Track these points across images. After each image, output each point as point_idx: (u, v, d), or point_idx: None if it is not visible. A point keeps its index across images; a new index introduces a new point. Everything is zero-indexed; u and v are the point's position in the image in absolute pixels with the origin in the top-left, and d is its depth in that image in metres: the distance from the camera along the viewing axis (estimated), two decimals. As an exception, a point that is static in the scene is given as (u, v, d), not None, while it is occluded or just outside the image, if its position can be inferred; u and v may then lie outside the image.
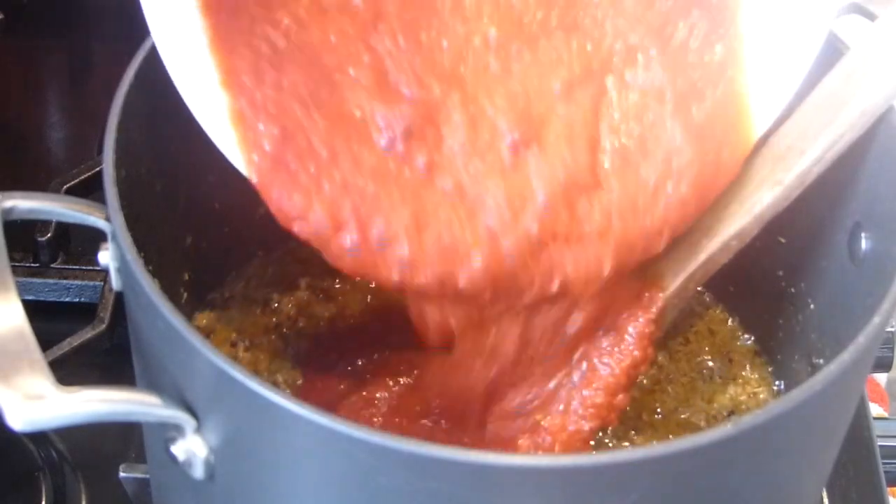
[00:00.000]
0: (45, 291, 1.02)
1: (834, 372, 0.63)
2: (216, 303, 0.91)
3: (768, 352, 0.90)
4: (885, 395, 1.37)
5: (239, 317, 0.91)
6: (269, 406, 0.59)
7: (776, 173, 0.75)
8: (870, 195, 0.76)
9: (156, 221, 0.78)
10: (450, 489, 0.60)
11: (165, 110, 0.78)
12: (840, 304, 0.79)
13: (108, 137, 0.71)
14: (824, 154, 0.74)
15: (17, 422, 0.59)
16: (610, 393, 0.75)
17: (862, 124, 0.74)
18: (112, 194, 0.68)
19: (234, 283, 0.92)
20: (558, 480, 0.60)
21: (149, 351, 0.68)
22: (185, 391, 0.64)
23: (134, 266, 0.65)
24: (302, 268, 0.94)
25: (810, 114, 0.75)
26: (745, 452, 0.63)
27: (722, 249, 0.76)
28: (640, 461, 0.59)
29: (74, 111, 1.24)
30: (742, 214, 0.75)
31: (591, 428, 0.75)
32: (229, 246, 0.93)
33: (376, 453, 0.59)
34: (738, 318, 0.92)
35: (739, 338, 0.91)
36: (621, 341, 0.76)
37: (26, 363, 0.61)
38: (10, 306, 0.63)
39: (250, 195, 0.93)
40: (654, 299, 0.76)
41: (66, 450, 0.94)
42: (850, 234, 0.77)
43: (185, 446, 0.65)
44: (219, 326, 0.90)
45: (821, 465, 0.75)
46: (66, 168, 1.05)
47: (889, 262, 0.70)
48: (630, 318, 0.76)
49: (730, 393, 0.88)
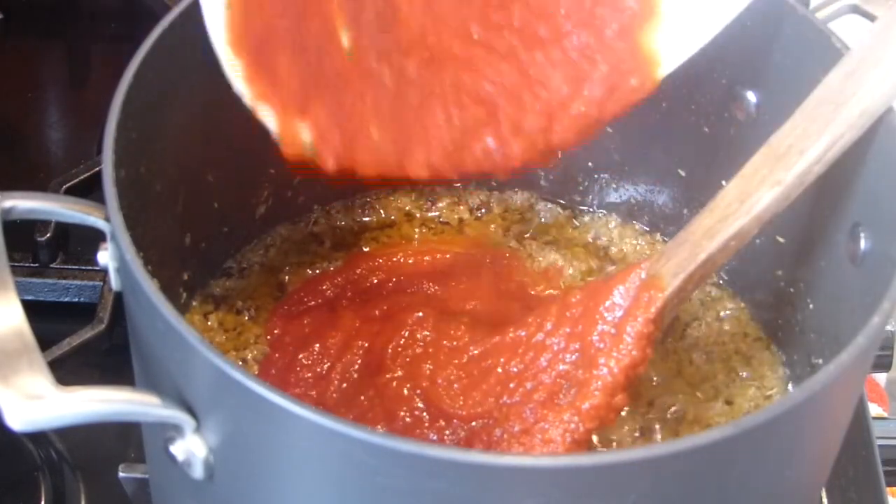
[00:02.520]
0: (44, 291, 1.02)
1: (833, 372, 0.63)
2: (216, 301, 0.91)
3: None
4: (885, 395, 1.37)
5: (238, 316, 0.91)
6: (269, 406, 0.59)
7: (776, 173, 0.75)
8: (869, 195, 0.76)
9: (155, 221, 0.78)
10: (450, 489, 0.60)
11: (165, 110, 0.78)
12: (839, 303, 0.79)
13: (107, 137, 0.71)
14: (824, 154, 0.74)
15: (16, 422, 0.59)
16: (608, 393, 0.75)
17: (862, 124, 0.74)
18: (111, 194, 0.68)
19: (234, 283, 0.92)
20: (558, 480, 0.60)
21: (148, 351, 0.68)
22: (184, 391, 0.64)
23: (133, 266, 0.65)
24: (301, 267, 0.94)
25: (810, 114, 0.75)
26: (745, 452, 0.63)
27: (721, 249, 0.76)
28: (640, 461, 0.59)
29: (74, 111, 1.24)
30: (741, 214, 0.75)
31: (590, 428, 0.75)
32: (228, 246, 0.93)
33: (376, 453, 0.59)
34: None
35: (739, 338, 0.92)
36: (620, 341, 0.76)
37: (25, 363, 0.61)
38: (10, 306, 0.63)
39: (250, 195, 0.93)
40: (653, 299, 0.76)
41: (65, 450, 0.94)
42: (850, 235, 0.77)
43: (185, 446, 0.65)
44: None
45: (820, 465, 0.75)
46: (66, 168, 1.05)
47: (888, 263, 0.70)
48: (629, 318, 0.76)
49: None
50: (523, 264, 0.95)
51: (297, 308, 0.90)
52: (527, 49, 0.80)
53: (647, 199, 0.97)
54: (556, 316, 0.79)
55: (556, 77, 0.80)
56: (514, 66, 0.80)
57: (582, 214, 0.99)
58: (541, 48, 0.80)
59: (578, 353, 0.77)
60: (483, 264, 0.94)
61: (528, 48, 0.80)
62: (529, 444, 0.75)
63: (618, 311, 0.76)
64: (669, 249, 0.78)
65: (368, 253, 0.95)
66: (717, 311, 0.92)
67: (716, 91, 0.86)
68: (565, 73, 0.80)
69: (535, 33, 0.80)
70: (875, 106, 0.74)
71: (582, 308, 0.78)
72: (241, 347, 0.88)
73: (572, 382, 0.76)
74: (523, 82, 0.80)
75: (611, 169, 0.97)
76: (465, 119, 0.81)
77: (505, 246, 0.97)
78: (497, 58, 0.80)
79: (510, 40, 0.80)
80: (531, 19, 0.80)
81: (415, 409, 0.80)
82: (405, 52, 0.81)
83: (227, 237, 0.93)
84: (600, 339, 0.76)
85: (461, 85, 0.81)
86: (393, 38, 0.81)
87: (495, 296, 0.90)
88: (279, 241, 0.95)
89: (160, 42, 0.76)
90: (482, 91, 0.81)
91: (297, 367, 0.84)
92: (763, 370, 0.88)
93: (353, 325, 0.86)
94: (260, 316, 0.90)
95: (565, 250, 0.96)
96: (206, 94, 0.80)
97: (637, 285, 0.77)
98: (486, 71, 0.81)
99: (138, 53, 0.75)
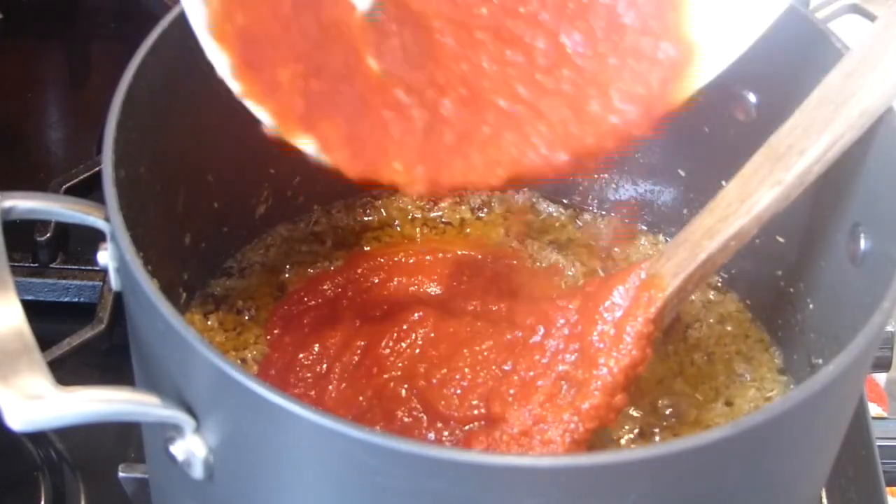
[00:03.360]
0: (44, 291, 1.02)
1: (833, 372, 0.63)
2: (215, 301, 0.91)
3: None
4: (885, 395, 1.37)
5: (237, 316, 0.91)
6: (269, 406, 0.59)
7: (776, 173, 0.75)
8: (869, 195, 0.76)
9: (155, 221, 0.78)
10: (450, 489, 0.60)
11: (165, 110, 0.78)
12: (839, 303, 0.79)
13: (107, 137, 0.71)
14: (824, 154, 0.74)
15: (16, 422, 0.59)
16: (608, 393, 0.75)
17: (862, 124, 0.74)
18: (111, 194, 0.68)
19: (234, 283, 0.92)
20: (558, 480, 0.60)
21: (148, 351, 0.68)
22: (184, 391, 0.64)
23: (133, 266, 0.65)
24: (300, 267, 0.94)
25: (810, 114, 0.75)
26: (744, 453, 0.63)
27: (721, 249, 0.76)
28: (639, 461, 0.60)
29: (74, 111, 1.24)
30: (741, 214, 0.75)
31: (590, 428, 0.75)
32: (228, 246, 0.93)
33: (376, 453, 0.59)
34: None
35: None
36: (620, 341, 0.76)
37: (25, 363, 0.61)
38: (10, 306, 0.63)
39: (250, 195, 0.93)
40: (653, 299, 0.76)
41: (65, 450, 0.94)
42: (850, 234, 0.77)
43: (185, 446, 0.65)
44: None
45: (819, 466, 0.75)
46: (66, 168, 1.06)
47: (888, 262, 0.70)
48: (629, 318, 0.76)
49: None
50: (524, 264, 0.95)
51: (297, 308, 0.90)
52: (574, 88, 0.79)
53: (647, 199, 0.97)
54: (556, 316, 0.79)
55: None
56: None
57: (583, 214, 0.99)
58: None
59: (578, 353, 0.77)
60: (484, 264, 0.94)
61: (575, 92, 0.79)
62: (528, 445, 0.75)
63: (617, 311, 0.76)
64: (669, 249, 0.78)
65: (369, 252, 0.95)
66: (717, 312, 0.92)
67: (716, 91, 0.86)
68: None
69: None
70: (875, 106, 0.74)
71: (582, 308, 0.78)
72: (240, 347, 0.88)
73: (572, 383, 0.76)
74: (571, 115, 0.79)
75: (611, 169, 0.97)
76: (504, 154, 0.78)
77: (506, 246, 0.97)
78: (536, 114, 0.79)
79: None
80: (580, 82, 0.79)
81: (413, 409, 0.80)
82: (440, 89, 0.79)
83: (227, 237, 0.93)
84: (600, 339, 0.76)
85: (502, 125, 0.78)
86: (426, 74, 0.79)
87: (496, 296, 0.90)
88: (279, 240, 0.95)
89: (160, 42, 0.76)
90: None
91: (296, 367, 0.84)
92: (763, 371, 0.88)
93: (352, 325, 0.86)
94: (260, 316, 0.90)
95: (566, 251, 0.96)
96: (205, 94, 0.80)
97: (637, 285, 0.77)
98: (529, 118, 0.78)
99: (138, 53, 0.75)
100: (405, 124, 0.77)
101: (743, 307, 0.92)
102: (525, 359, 0.79)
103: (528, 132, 0.77)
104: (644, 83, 0.77)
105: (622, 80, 0.77)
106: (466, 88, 0.78)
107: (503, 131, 0.77)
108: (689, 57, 0.78)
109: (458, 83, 0.78)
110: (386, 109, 0.77)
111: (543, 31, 0.79)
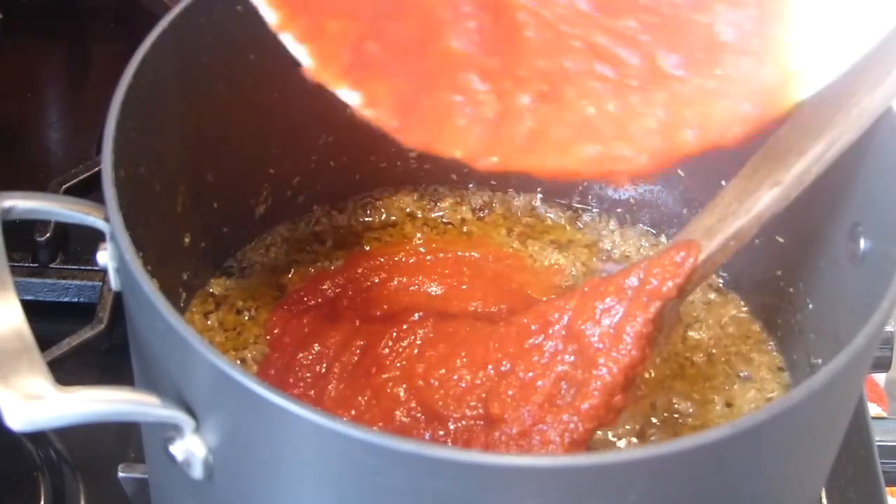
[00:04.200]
0: (43, 291, 1.02)
1: (832, 372, 0.63)
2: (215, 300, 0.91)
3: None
4: (884, 394, 1.37)
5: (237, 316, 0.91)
6: (269, 406, 0.59)
7: (776, 173, 0.75)
8: (868, 195, 0.76)
9: (154, 221, 0.78)
10: (449, 489, 0.60)
11: (164, 110, 0.78)
12: (839, 303, 0.79)
13: (106, 137, 0.71)
14: (823, 154, 0.74)
15: (15, 422, 0.59)
16: (608, 393, 0.75)
17: (861, 124, 0.74)
18: (111, 194, 0.68)
19: (234, 283, 0.92)
20: (558, 480, 0.60)
21: (147, 351, 0.68)
22: (183, 391, 0.64)
23: (133, 266, 0.65)
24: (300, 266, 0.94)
25: (810, 114, 0.75)
26: (744, 453, 0.63)
27: (720, 249, 0.76)
28: (640, 461, 0.59)
29: (74, 111, 1.24)
30: (741, 214, 0.75)
31: (590, 428, 0.75)
32: (228, 246, 0.93)
33: (376, 453, 0.59)
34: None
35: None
36: (619, 341, 0.76)
37: (25, 363, 0.61)
38: (9, 306, 0.63)
39: (250, 195, 0.93)
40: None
41: (64, 450, 0.94)
42: (849, 234, 0.77)
43: (184, 446, 0.65)
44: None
45: (819, 465, 0.75)
46: (65, 168, 1.06)
47: (887, 262, 0.70)
48: (628, 318, 0.76)
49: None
50: (525, 265, 0.95)
51: (297, 307, 0.90)
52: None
53: (647, 199, 0.97)
54: (556, 317, 0.79)
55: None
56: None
57: (583, 215, 0.99)
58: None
59: (577, 353, 0.77)
60: (485, 265, 0.94)
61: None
62: (527, 445, 0.75)
63: (617, 312, 0.76)
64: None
65: (370, 252, 0.95)
66: (717, 313, 0.92)
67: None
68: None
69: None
70: (875, 106, 0.74)
71: (581, 308, 0.78)
72: (240, 347, 0.88)
73: (571, 383, 0.76)
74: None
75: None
76: (579, 162, 0.74)
77: (507, 246, 0.97)
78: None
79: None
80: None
81: (411, 409, 0.80)
82: (520, 81, 0.75)
83: (227, 237, 0.93)
84: (599, 340, 0.76)
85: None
86: (506, 63, 0.75)
87: (496, 296, 0.90)
88: (279, 240, 0.95)
89: (160, 42, 0.76)
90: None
91: (296, 367, 0.84)
92: (763, 371, 0.88)
93: (352, 325, 0.86)
94: (260, 316, 0.90)
95: (567, 251, 0.96)
96: (206, 94, 0.80)
97: (636, 285, 0.77)
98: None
99: (138, 53, 0.75)
100: (474, 109, 0.74)
101: (743, 308, 0.92)
102: (524, 359, 0.79)
103: (613, 147, 0.73)
104: (739, 104, 0.73)
105: (717, 104, 0.73)
106: (549, 85, 0.75)
107: (583, 139, 0.73)
108: (787, 78, 0.74)
109: (539, 79, 0.75)
110: (455, 93, 0.74)
111: (640, 50, 0.76)
